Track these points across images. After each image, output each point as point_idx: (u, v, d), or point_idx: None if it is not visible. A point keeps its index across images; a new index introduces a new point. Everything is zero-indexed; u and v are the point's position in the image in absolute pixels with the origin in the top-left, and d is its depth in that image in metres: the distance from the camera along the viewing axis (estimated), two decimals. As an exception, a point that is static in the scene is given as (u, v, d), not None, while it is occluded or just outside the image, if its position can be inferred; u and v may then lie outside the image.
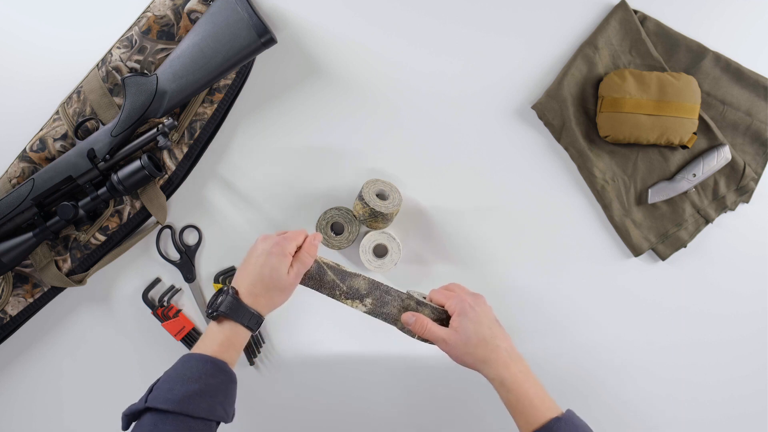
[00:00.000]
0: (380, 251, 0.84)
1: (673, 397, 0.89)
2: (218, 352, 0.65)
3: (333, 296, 0.72)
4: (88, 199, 0.79)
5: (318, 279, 0.71)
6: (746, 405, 0.89)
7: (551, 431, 0.63)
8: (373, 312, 0.70)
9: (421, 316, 0.71)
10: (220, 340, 0.66)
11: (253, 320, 0.67)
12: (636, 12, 0.82)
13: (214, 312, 0.67)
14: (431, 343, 0.71)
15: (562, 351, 0.88)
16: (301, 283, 0.72)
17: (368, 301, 0.70)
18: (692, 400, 0.89)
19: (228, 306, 0.67)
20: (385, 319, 0.71)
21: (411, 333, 0.72)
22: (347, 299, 0.71)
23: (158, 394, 0.60)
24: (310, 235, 0.73)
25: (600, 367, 0.88)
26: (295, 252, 0.70)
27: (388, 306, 0.70)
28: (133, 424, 0.61)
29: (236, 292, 0.68)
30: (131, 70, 0.79)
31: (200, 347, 0.66)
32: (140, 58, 0.79)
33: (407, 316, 0.71)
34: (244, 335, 0.68)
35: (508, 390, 0.66)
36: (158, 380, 0.63)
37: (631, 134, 0.80)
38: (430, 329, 0.70)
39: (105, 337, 0.88)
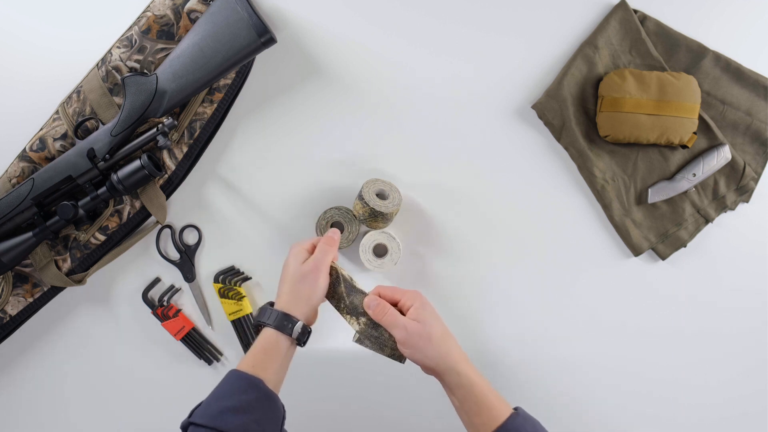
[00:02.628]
0: (380, 251, 0.84)
1: (672, 398, 0.89)
2: (255, 365, 0.65)
3: (338, 309, 0.73)
4: (87, 198, 0.79)
5: (332, 288, 0.72)
6: (746, 405, 0.89)
7: (513, 426, 0.63)
8: (364, 333, 0.71)
9: (384, 302, 0.69)
10: (254, 351, 0.67)
11: (277, 319, 0.67)
12: (636, 12, 0.82)
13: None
14: (400, 358, 0.70)
15: (561, 350, 0.88)
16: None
17: (363, 320, 0.71)
18: (692, 400, 0.89)
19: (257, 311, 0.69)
20: (374, 342, 0.71)
21: (400, 359, 0.71)
22: (347, 314, 0.72)
23: (199, 410, 0.62)
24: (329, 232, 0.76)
25: (599, 366, 0.88)
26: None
27: (380, 329, 0.70)
28: None
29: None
30: (131, 69, 0.79)
31: (241, 362, 0.66)
32: (140, 57, 0.79)
33: (369, 299, 0.69)
34: (276, 338, 0.67)
35: (472, 386, 0.65)
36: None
37: (631, 134, 0.80)
38: (392, 314, 0.67)
39: (105, 336, 0.88)
